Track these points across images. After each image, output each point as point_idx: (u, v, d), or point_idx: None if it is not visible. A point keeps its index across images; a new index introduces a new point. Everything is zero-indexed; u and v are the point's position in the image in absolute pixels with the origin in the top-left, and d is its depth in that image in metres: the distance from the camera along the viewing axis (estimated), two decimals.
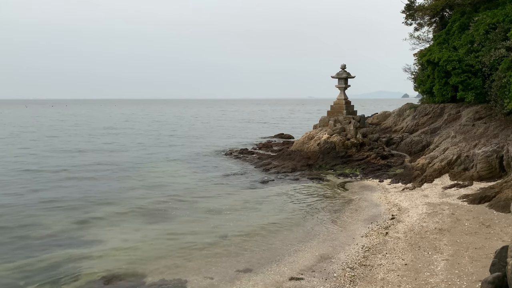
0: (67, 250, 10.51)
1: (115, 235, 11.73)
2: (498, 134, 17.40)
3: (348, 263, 9.29)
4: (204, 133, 45.98)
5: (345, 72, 26.10)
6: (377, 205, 14.33)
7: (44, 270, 9.38)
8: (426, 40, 31.64)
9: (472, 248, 9.37)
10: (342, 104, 26.03)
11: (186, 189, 17.61)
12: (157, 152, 29.70)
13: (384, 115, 36.55)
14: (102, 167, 23.12)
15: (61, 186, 18.27)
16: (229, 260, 9.82)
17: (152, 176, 20.71)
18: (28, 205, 14.86)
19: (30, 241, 11.28)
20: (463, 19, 24.71)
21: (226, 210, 14.22)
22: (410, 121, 28.29)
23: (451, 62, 22.61)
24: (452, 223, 11.31)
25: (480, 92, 21.61)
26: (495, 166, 15.33)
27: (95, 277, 8.98)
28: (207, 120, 71.67)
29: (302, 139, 25.24)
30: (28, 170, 21.94)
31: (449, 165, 17.03)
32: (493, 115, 19.84)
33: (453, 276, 8.06)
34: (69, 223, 12.81)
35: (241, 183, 18.68)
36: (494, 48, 19.12)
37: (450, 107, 24.65)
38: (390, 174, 18.92)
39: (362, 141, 23.09)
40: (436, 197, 14.28)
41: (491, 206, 12.42)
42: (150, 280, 8.84)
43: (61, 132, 46.17)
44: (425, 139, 22.38)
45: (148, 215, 13.64)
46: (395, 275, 8.38)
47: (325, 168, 21.29)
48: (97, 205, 14.96)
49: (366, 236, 11.09)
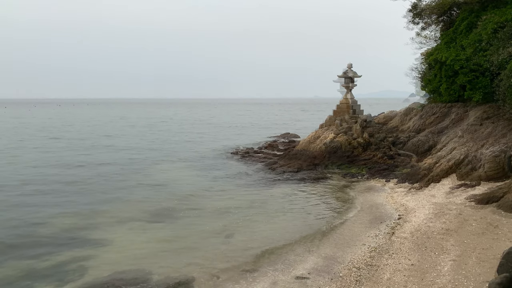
0: (74, 250, 10.60)
1: (121, 234, 11.80)
2: (506, 134, 17.23)
3: (354, 263, 9.26)
4: (209, 133, 46.06)
5: (351, 71, 26.01)
6: (384, 205, 14.27)
7: (50, 269, 9.48)
8: (433, 39, 31.40)
9: (479, 249, 9.30)
10: (349, 104, 25.95)
11: (192, 188, 17.66)
12: (163, 151, 29.82)
13: (390, 115, 36.32)
14: (108, 167, 23.26)
15: (68, 185, 18.40)
16: (235, 259, 9.84)
17: (158, 176, 20.79)
18: (33, 205, 14.99)
19: (36, 240, 11.38)
20: (471, 18, 24.48)
21: (232, 209, 14.24)
22: (417, 121, 28.09)
23: (459, 61, 22.41)
24: (459, 224, 11.23)
25: (488, 91, 21.40)
26: (503, 166, 15.17)
27: (101, 276, 9.05)
28: (208, 121, 71.58)
29: (308, 139, 25.20)
30: (34, 170, 22.12)
31: (456, 165, 16.90)
32: (501, 114, 19.64)
33: (460, 276, 8.01)
34: (76, 223, 12.91)
35: (246, 183, 18.70)
36: (502, 47, 18.94)
37: (458, 106, 24.43)
38: (396, 174, 18.83)
39: (368, 141, 23.00)
40: (443, 197, 14.18)
41: (499, 206, 12.30)
42: (156, 278, 8.89)
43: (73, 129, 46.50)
44: (432, 139, 22.22)
45: (155, 215, 13.70)
46: (402, 275, 8.35)
47: (331, 168, 21.24)
48: (103, 205, 15.06)
49: (372, 236, 11.05)
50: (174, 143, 34.98)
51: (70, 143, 34.62)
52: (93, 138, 38.89)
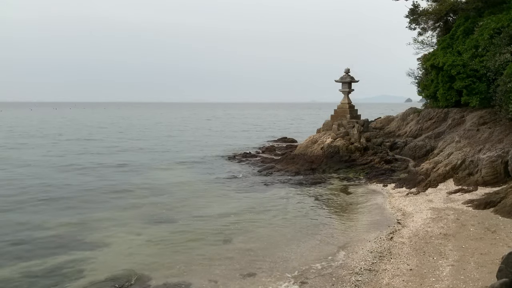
0: (71, 252, 10.53)
1: (119, 237, 11.74)
2: (503, 139, 17.31)
3: (353, 268, 9.25)
4: (207, 136, 46.03)
5: (349, 76, 26.09)
6: (381, 209, 14.28)
7: (48, 272, 9.40)
8: (430, 44, 31.59)
9: (477, 254, 9.31)
10: (346, 108, 26.01)
11: (190, 192, 17.61)
12: (161, 155, 29.75)
13: (387, 120, 36.44)
14: (106, 169, 23.17)
15: (66, 187, 18.31)
16: (233, 263, 9.80)
17: (156, 179, 20.72)
18: (32, 207, 14.91)
19: (34, 243, 11.29)
20: (468, 24, 24.67)
21: (229, 213, 14.20)
22: (414, 126, 28.20)
23: (456, 67, 22.55)
24: (457, 228, 11.25)
25: (485, 97, 21.52)
26: (500, 171, 15.24)
27: (99, 279, 8.98)
28: (208, 124, 71.58)
29: (305, 143, 25.22)
30: (33, 171, 22.01)
31: (453, 170, 16.96)
32: (498, 120, 19.74)
33: (458, 281, 8.01)
34: (73, 225, 12.84)
35: (244, 187, 18.67)
36: (499, 53, 19.07)
37: (454, 111, 24.56)
38: (394, 178, 18.85)
39: (366, 145, 23.04)
40: (440, 202, 14.21)
41: (497, 211, 12.35)
42: (154, 283, 8.83)
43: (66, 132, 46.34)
44: (429, 144, 22.31)
45: (152, 218, 13.64)
46: (400, 280, 8.34)
47: (328, 172, 21.25)
48: (100, 207, 14.99)
49: (370, 240, 11.04)
50: (171, 146, 34.90)
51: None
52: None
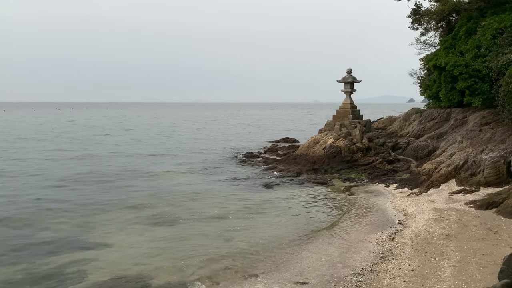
0: (73, 253, 10.54)
1: (121, 238, 11.76)
2: (505, 139, 17.27)
3: (354, 268, 9.24)
4: (209, 137, 46.07)
5: (351, 76, 26.09)
6: (383, 210, 14.26)
7: (50, 273, 9.40)
8: (432, 44, 31.55)
9: (479, 255, 9.29)
10: (348, 109, 26.00)
11: (192, 193, 17.62)
12: (163, 155, 29.79)
13: (389, 120, 36.40)
14: (107, 170, 23.23)
15: (68, 188, 18.36)
16: (235, 264, 9.80)
17: (157, 179, 20.76)
18: (34, 208, 14.95)
19: (36, 244, 11.30)
20: (470, 24, 24.62)
21: (231, 214, 14.21)
22: (416, 126, 28.16)
23: (458, 67, 22.50)
24: (459, 229, 11.23)
25: (487, 97, 21.47)
26: (502, 172, 15.20)
27: (101, 280, 9.00)
28: (209, 125, 71.64)
29: (307, 143, 25.22)
30: (35, 173, 22.09)
31: (455, 171, 16.92)
32: (500, 120, 19.71)
33: (460, 282, 8.00)
34: (75, 226, 12.86)
35: (246, 187, 18.68)
36: (501, 53, 19.02)
37: (457, 112, 24.51)
38: (396, 179, 18.83)
39: (368, 146, 23.02)
40: (442, 203, 14.18)
41: (499, 212, 12.32)
42: (155, 284, 8.85)
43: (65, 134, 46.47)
44: (432, 144, 22.27)
45: (154, 219, 13.65)
46: (402, 281, 8.33)
47: (330, 173, 21.25)
48: (102, 208, 15.01)
49: (372, 241, 11.04)
50: (172, 145, 34.95)
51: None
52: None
